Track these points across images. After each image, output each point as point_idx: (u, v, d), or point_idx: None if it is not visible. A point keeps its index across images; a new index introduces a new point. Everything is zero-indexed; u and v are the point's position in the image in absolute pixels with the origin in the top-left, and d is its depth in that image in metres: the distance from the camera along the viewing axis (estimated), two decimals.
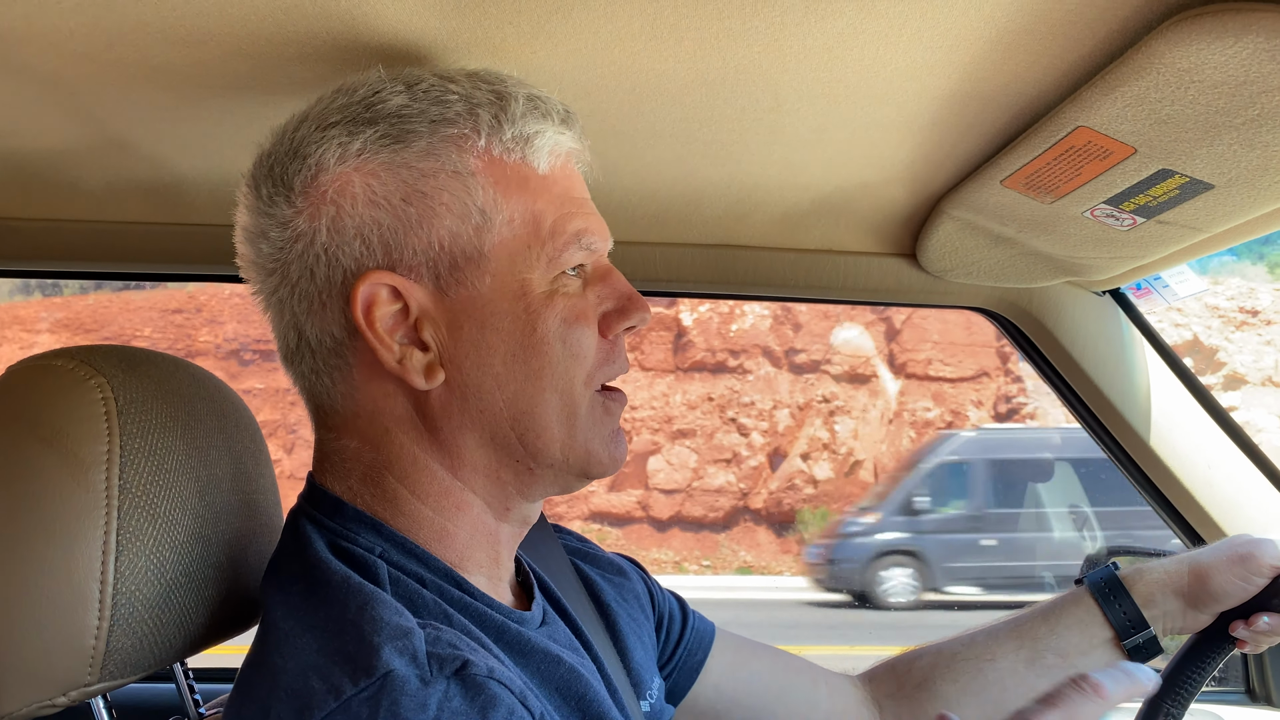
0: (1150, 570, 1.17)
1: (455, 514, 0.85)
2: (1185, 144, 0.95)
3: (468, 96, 0.83)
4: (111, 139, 1.18)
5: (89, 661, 0.82)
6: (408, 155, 0.81)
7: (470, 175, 0.82)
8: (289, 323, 0.85)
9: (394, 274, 0.81)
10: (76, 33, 0.89)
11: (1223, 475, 1.56)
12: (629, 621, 1.09)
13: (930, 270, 1.51)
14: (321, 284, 0.82)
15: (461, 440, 0.84)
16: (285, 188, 0.83)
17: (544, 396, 0.84)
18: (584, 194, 0.89)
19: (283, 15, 0.85)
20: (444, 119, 0.82)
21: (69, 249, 1.47)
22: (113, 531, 0.82)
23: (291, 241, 0.83)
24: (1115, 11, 0.81)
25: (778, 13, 0.83)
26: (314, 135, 0.83)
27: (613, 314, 0.88)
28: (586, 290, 0.87)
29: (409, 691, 0.67)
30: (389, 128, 0.82)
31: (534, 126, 0.84)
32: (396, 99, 0.82)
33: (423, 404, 0.84)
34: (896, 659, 1.27)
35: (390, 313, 0.82)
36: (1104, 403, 1.58)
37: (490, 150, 0.83)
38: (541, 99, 0.86)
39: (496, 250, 0.82)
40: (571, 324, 0.84)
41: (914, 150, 1.18)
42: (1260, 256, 14.83)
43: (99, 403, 0.84)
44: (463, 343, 0.82)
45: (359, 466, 0.85)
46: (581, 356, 0.85)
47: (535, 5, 0.84)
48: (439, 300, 0.82)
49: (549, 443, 0.85)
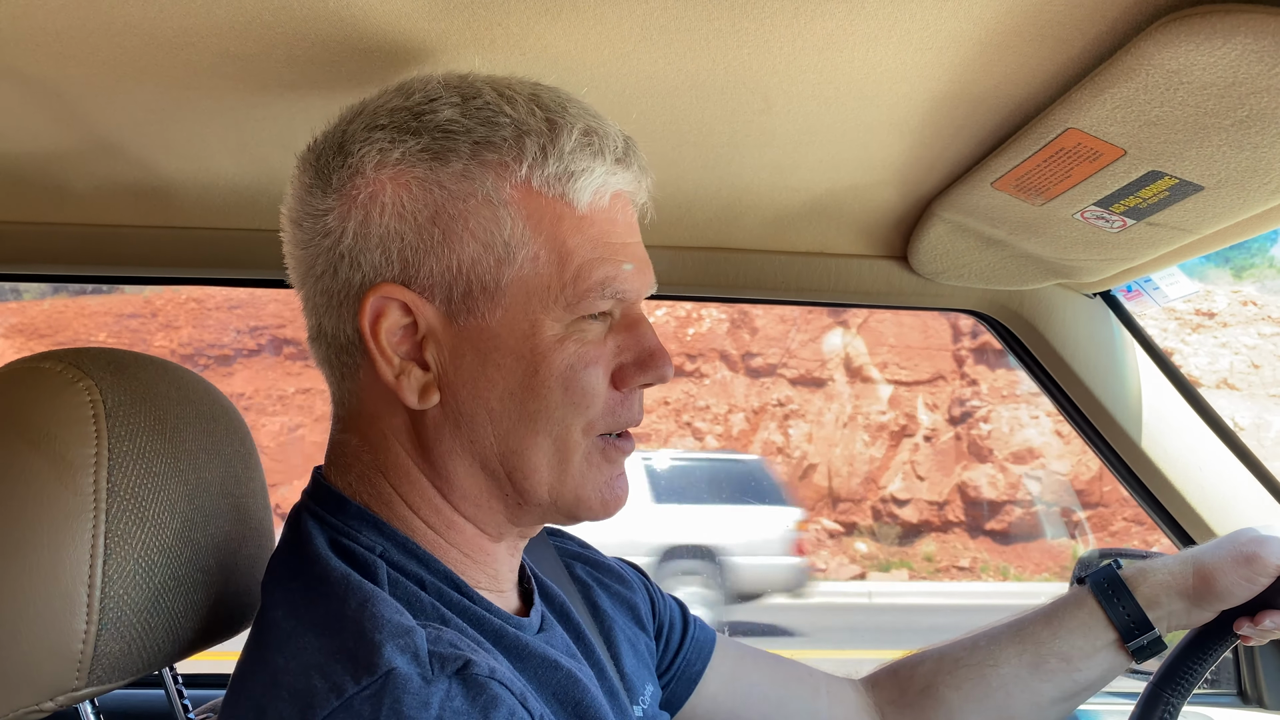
0: (1154, 571, 1.16)
1: (447, 530, 0.85)
2: (1175, 145, 0.95)
3: (519, 122, 0.80)
4: (99, 141, 1.17)
5: (76, 666, 0.81)
6: (444, 174, 0.80)
7: (503, 205, 0.80)
8: (311, 309, 0.85)
9: (407, 289, 0.80)
10: (63, 34, 0.88)
11: (1213, 477, 1.56)
12: (623, 627, 1.08)
13: (921, 273, 1.51)
14: (341, 284, 0.82)
15: (452, 464, 0.84)
16: (324, 180, 0.82)
17: (536, 440, 0.82)
18: (627, 238, 0.85)
19: (270, 17, 0.85)
20: (488, 142, 0.80)
21: (57, 252, 1.47)
22: (100, 535, 0.82)
23: (321, 235, 0.82)
24: (1104, 13, 0.81)
25: (767, 14, 0.83)
26: (361, 134, 0.81)
27: (631, 367, 0.85)
28: (608, 338, 0.84)
29: (411, 690, 0.67)
30: (431, 141, 0.80)
31: (582, 164, 0.81)
32: (447, 111, 0.80)
33: (419, 422, 0.83)
34: (899, 664, 1.26)
35: (398, 326, 0.81)
36: (1095, 405, 1.58)
37: (530, 182, 0.80)
38: (599, 133, 0.82)
39: (513, 285, 0.80)
40: (578, 371, 0.82)
41: (904, 152, 1.18)
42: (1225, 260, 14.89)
43: (87, 405, 0.84)
44: (462, 370, 0.81)
45: (358, 464, 0.86)
46: (583, 406, 0.82)
47: (524, 6, 0.84)
48: (447, 324, 0.81)
49: (537, 484, 0.83)
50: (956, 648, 1.23)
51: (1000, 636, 1.21)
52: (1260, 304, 14.99)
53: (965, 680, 1.19)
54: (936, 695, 1.20)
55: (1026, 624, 1.20)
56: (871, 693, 1.25)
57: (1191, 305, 14.66)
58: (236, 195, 1.35)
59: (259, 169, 1.27)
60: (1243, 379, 14.00)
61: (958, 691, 1.19)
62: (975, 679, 1.19)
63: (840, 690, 1.24)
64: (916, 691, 1.22)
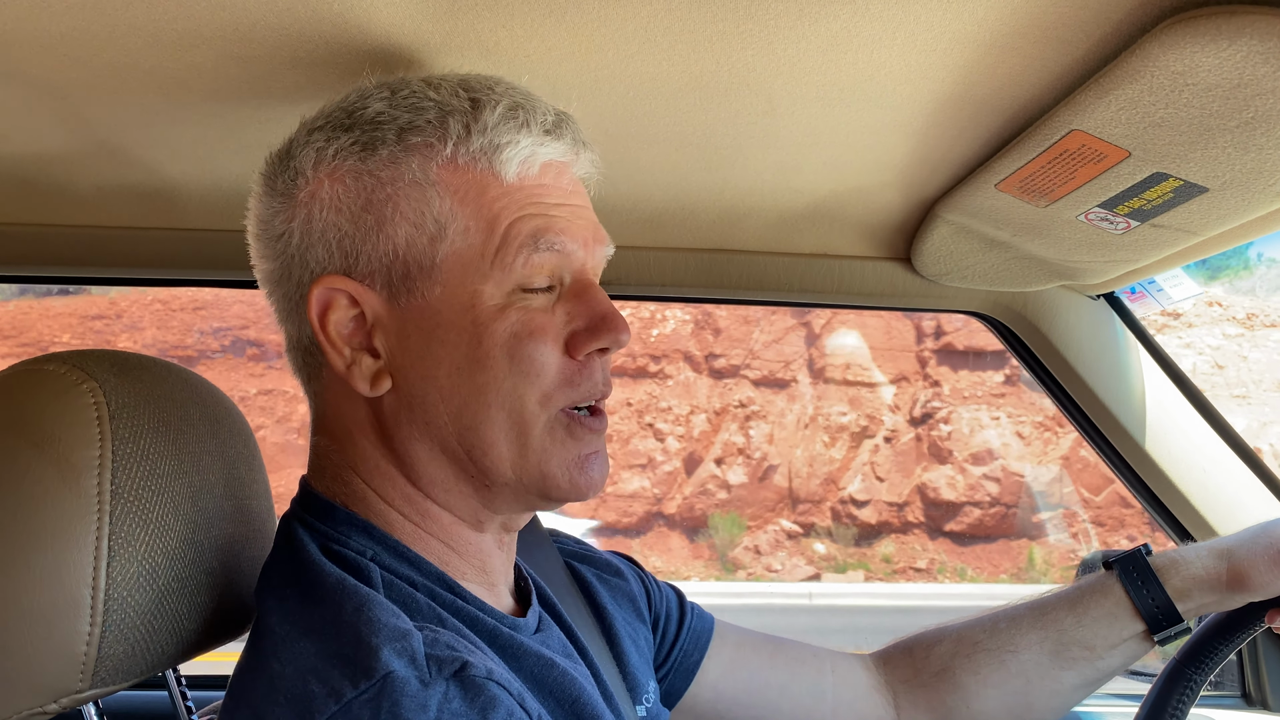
0: (1187, 564, 1.12)
1: (424, 520, 0.86)
2: (1179, 147, 0.95)
3: (442, 103, 0.82)
4: (102, 143, 1.17)
5: (80, 668, 0.81)
6: (373, 163, 0.82)
7: (430, 185, 0.81)
8: (280, 318, 0.88)
9: (349, 279, 0.82)
10: (68, 36, 0.88)
11: (1217, 478, 1.56)
12: (624, 624, 1.08)
13: (925, 274, 1.51)
14: (294, 286, 0.84)
15: (414, 451, 0.84)
16: (271, 188, 0.86)
17: (489, 413, 0.82)
18: (565, 200, 0.85)
19: (274, 19, 0.85)
20: (413, 126, 0.82)
21: (60, 254, 1.47)
22: (104, 537, 0.82)
23: (274, 241, 0.85)
24: (1109, 15, 0.81)
25: (771, 16, 0.83)
26: (301, 138, 0.85)
27: (582, 333, 0.84)
28: (557, 306, 0.84)
29: (409, 693, 0.67)
30: (361, 134, 0.82)
31: (506, 136, 0.82)
32: (376, 105, 0.83)
33: (378, 411, 0.84)
34: (914, 641, 1.24)
35: (346, 318, 0.83)
36: (1098, 406, 1.58)
37: (455, 160, 0.82)
38: (525, 107, 0.83)
39: (449, 260, 0.81)
40: (523, 340, 0.81)
41: (908, 154, 1.18)
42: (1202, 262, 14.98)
43: (91, 407, 0.84)
44: (410, 352, 0.82)
45: (331, 465, 0.87)
46: (532, 374, 0.81)
47: (529, 8, 0.84)
48: (391, 308, 0.82)
49: (497, 461, 0.83)
50: (975, 629, 1.20)
51: (1021, 620, 1.18)
52: (1226, 305, 15.00)
53: (983, 665, 1.17)
54: (953, 678, 1.18)
55: (1049, 609, 1.17)
56: (882, 670, 1.23)
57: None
58: (239, 197, 1.34)
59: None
60: (1206, 380, 14.06)
61: (975, 676, 1.17)
62: (994, 664, 1.17)
63: (848, 669, 1.22)
64: (931, 673, 1.19)
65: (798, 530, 15.29)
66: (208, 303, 15.58)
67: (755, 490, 15.61)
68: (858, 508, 15.34)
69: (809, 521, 15.38)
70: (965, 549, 15.00)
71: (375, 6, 0.83)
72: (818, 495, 15.52)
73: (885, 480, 15.41)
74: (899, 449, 15.56)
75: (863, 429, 15.66)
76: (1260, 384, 14.17)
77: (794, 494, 15.57)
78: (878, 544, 15.14)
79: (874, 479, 15.43)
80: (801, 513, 15.49)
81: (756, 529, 15.33)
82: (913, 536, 15.24)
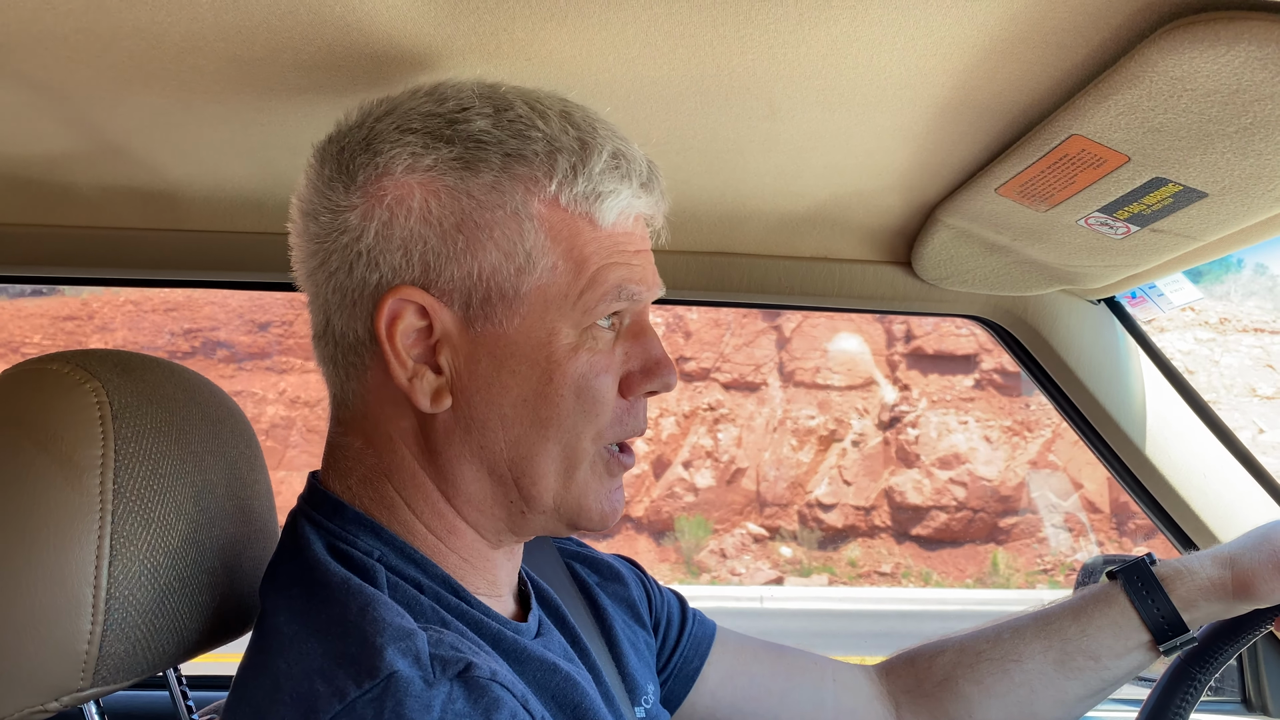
0: (1192, 574, 1.12)
1: (448, 536, 0.85)
2: (1178, 152, 0.95)
3: (552, 138, 0.81)
4: (106, 145, 1.18)
5: (81, 666, 0.81)
6: (473, 184, 0.80)
7: (529, 219, 0.80)
8: (320, 306, 0.85)
9: (426, 293, 0.80)
10: (71, 38, 0.89)
11: (1217, 483, 1.56)
12: (624, 627, 1.08)
13: (925, 278, 1.51)
14: (357, 282, 0.82)
15: (459, 469, 0.84)
16: (348, 176, 0.82)
17: (547, 446, 0.83)
18: (639, 247, 0.86)
19: (277, 21, 0.85)
20: (520, 155, 0.80)
21: (63, 255, 1.47)
22: (106, 536, 0.82)
23: (339, 231, 0.82)
24: (1108, 20, 0.81)
25: (772, 21, 0.83)
26: (391, 134, 0.81)
27: (637, 375, 0.86)
28: (616, 345, 0.85)
29: (413, 693, 0.67)
30: (464, 150, 0.80)
31: (610, 186, 0.82)
32: (481, 122, 0.81)
33: (428, 425, 0.83)
34: (916, 651, 1.24)
35: (413, 329, 0.81)
36: (1099, 411, 1.58)
37: (558, 198, 0.81)
38: (627, 157, 0.84)
39: (533, 294, 0.81)
40: (591, 380, 0.82)
41: (909, 158, 1.18)
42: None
43: (94, 407, 0.84)
44: (477, 376, 0.82)
45: (360, 467, 0.85)
46: (594, 414, 0.83)
47: (530, 12, 0.84)
48: (464, 330, 0.81)
49: (543, 491, 0.84)
50: (978, 639, 1.20)
51: (1025, 630, 1.18)
52: (1198, 309, 14.98)
53: (987, 674, 1.16)
54: (955, 688, 1.17)
55: (1053, 618, 1.17)
56: (885, 680, 1.23)
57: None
58: (243, 199, 1.36)
59: (266, 172, 1.28)
60: None
61: (978, 685, 1.16)
62: (997, 673, 1.16)
63: (850, 678, 1.22)
64: (934, 682, 1.19)
65: (764, 534, 15.31)
66: (179, 304, 15.60)
67: (722, 493, 15.63)
68: (824, 511, 15.35)
69: (775, 525, 15.39)
70: (931, 554, 15.00)
71: (377, 10, 0.84)
72: (785, 499, 15.55)
73: (853, 484, 15.44)
74: (866, 453, 15.58)
75: (830, 432, 15.68)
76: (1231, 389, 14.15)
77: (761, 497, 15.59)
78: (844, 548, 15.15)
79: (841, 482, 15.46)
80: (768, 516, 15.50)
81: (723, 532, 15.35)
82: (879, 540, 15.26)
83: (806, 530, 15.22)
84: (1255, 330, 15.08)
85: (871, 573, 14.80)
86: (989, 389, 15.48)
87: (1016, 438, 15.12)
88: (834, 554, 15.10)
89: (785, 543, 15.19)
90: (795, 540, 15.20)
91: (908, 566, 14.83)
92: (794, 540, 15.20)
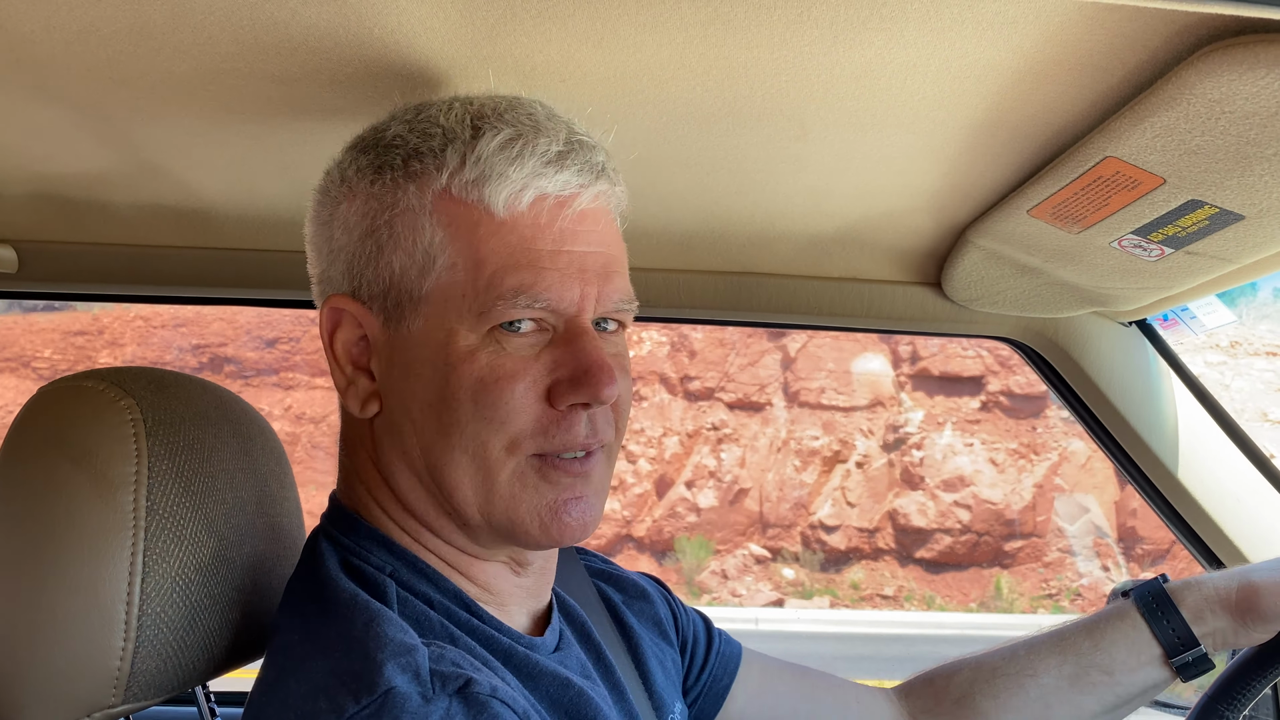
0: (1200, 585, 1.13)
1: (428, 536, 0.86)
2: (1215, 175, 0.94)
3: (447, 130, 0.80)
4: (144, 165, 1.19)
5: (114, 683, 0.82)
6: (378, 187, 0.82)
7: (423, 213, 0.80)
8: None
9: (352, 300, 0.83)
10: (114, 61, 0.90)
11: (1250, 506, 1.54)
12: (651, 645, 1.08)
13: (955, 299, 1.50)
14: (320, 299, 0.87)
15: (396, 475, 0.85)
16: (319, 205, 0.88)
17: (453, 455, 0.80)
18: (561, 245, 0.80)
19: (315, 42, 0.86)
20: (417, 152, 0.81)
21: (100, 272, 1.49)
22: (139, 552, 0.83)
23: (317, 254, 0.88)
24: (1145, 43, 0.81)
25: (806, 43, 0.83)
26: (342, 157, 0.86)
27: (564, 384, 0.80)
28: (544, 352, 0.80)
29: (410, 709, 0.67)
30: (376, 157, 0.83)
31: (500, 168, 0.78)
32: (397, 128, 0.83)
33: (373, 431, 0.86)
34: (934, 672, 1.25)
35: (352, 338, 0.84)
36: (1130, 433, 1.56)
37: (450, 188, 0.80)
38: (526, 136, 0.79)
39: (434, 294, 0.80)
40: (489, 385, 0.78)
41: (940, 179, 1.18)
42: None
43: (128, 424, 0.85)
44: (393, 380, 0.83)
45: (344, 475, 0.90)
46: (496, 420, 0.78)
47: (566, 34, 0.84)
48: (385, 334, 0.83)
49: (464, 502, 0.81)
50: (994, 656, 1.21)
51: (1040, 647, 1.19)
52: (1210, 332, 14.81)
53: (1002, 690, 1.17)
54: (973, 704, 1.18)
55: (1067, 635, 1.18)
56: (905, 701, 1.24)
57: None
58: (276, 217, 1.37)
59: (299, 191, 1.28)
60: None
61: (994, 701, 1.17)
62: (1013, 689, 1.17)
63: (872, 701, 1.23)
64: (952, 700, 1.20)
65: (766, 555, 15.20)
66: (188, 320, 15.73)
67: (725, 514, 15.54)
68: (827, 533, 15.25)
69: (778, 546, 15.29)
70: (935, 577, 14.86)
71: (415, 30, 0.84)
72: (788, 520, 15.46)
73: (856, 506, 15.34)
74: (870, 474, 15.47)
75: (835, 454, 15.59)
76: (1243, 413, 13.92)
77: (764, 518, 15.49)
78: (846, 570, 15.03)
79: (845, 504, 15.36)
80: (771, 537, 15.40)
81: (725, 553, 15.24)
82: (883, 563, 15.14)
83: (809, 552, 15.13)
84: (1268, 354, 14.89)
85: (874, 595, 14.69)
86: (995, 411, 15.35)
87: (1022, 460, 14.98)
88: (836, 576, 15.00)
89: (787, 564, 15.10)
90: (798, 562, 15.11)
91: (911, 590, 14.71)
92: (796, 562, 15.12)
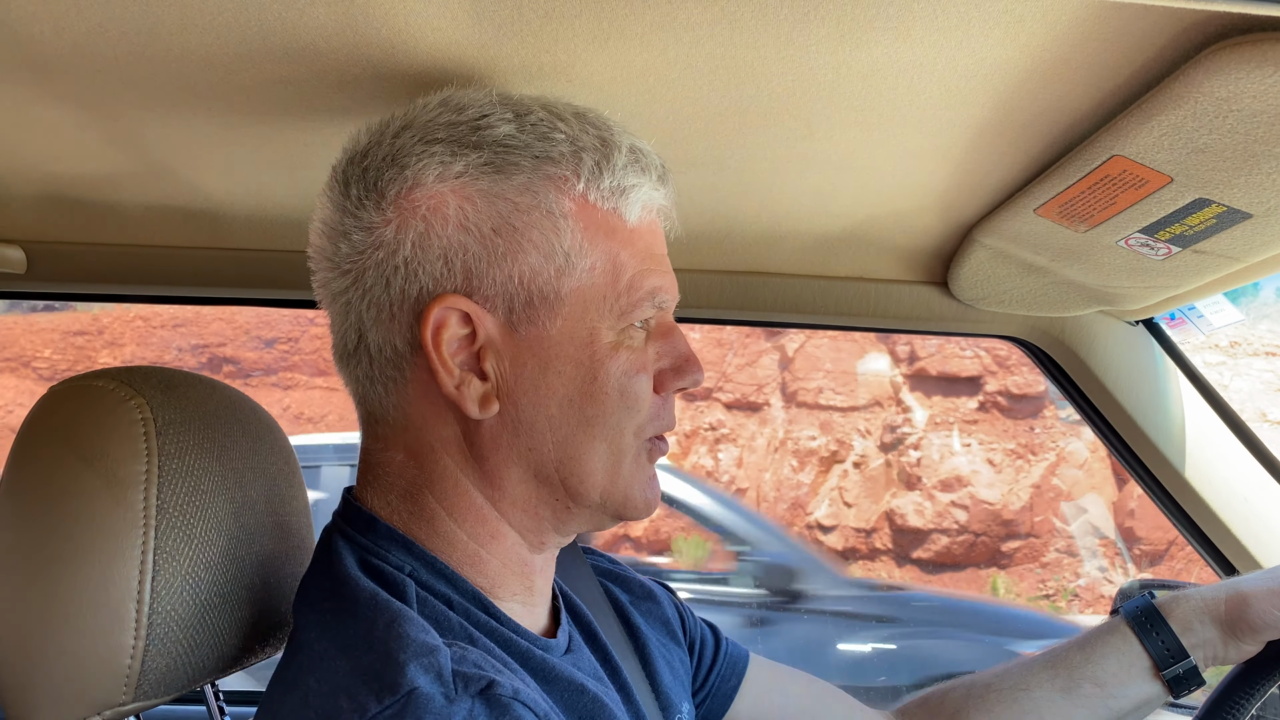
0: (1188, 597, 1.15)
1: (490, 542, 0.86)
2: (1223, 173, 0.94)
3: (574, 138, 0.83)
4: (152, 165, 1.20)
5: (124, 681, 0.82)
6: (506, 187, 0.81)
7: (563, 217, 0.82)
8: (352, 324, 0.85)
9: (469, 300, 0.81)
10: (122, 61, 0.90)
11: (1259, 508, 1.54)
12: (658, 645, 1.08)
13: (962, 299, 1.50)
14: (395, 295, 0.82)
15: (506, 473, 0.85)
16: (377, 194, 0.82)
17: (594, 444, 0.85)
18: (664, 251, 0.90)
19: (324, 43, 0.86)
20: (548, 157, 0.82)
21: (108, 272, 1.50)
22: (150, 551, 0.83)
23: (373, 248, 0.82)
24: (1152, 41, 0.81)
25: (813, 42, 0.84)
26: (416, 148, 0.82)
27: (669, 372, 0.89)
28: (648, 344, 0.88)
29: (433, 710, 0.67)
30: (493, 155, 0.81)
31: (633, 179, 0.85)
32: (504, 127, 0.82)
33: (473, 431, 0.84)
34: (929, 693, 1.26)
35: (457, 337, 0.82)
36: (1137, 433, 1.56)
37: (587, 195, 0.83)
38: (643, 152, 0.87)
39: (573, 295, 0.83)
40: (631, 377, 0.85)
41: (947, 178, 1.18)
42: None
43: (139, 423, 0.86)
44: (523, 380, 0.83)
45: (401, 481, 0.86)
46: (634, 410, 0.86)
47: (572, 34, 0.85)
48: (507, 334, 0.82)
49: (591, 487, 0.85)
50: (987, 674, 1.22)
51: (1032, 663, 1.20)
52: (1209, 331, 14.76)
53: (995, 704, 1.18)
54: (967, 719, 1.19)
55: (1060, 650, 1.20)
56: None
57: None
58: (285, 218, 1.38)
59: (308, 192, 1.29)
60: None
61: (988, 715, 1.18)
62: (1006, 703, 1.18)
63: (875, 716, 1.24)
64: (946, 717, 1.21)
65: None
66: (187, 320, 15.73)
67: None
68: (824, 533, 15.26)
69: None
70: (933, 578, 14.85)
71: (423, 30, 0.85)
72: (785, 520, 15.46)
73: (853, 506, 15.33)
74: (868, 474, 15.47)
75: (832, 454, 15.58)
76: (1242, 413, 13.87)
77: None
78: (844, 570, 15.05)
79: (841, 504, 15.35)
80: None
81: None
82: (880, 564, 15.13)
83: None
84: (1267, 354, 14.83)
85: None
86: (993, 411, 15.31)
87: (1020, 460, 14.96)
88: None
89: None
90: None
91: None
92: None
